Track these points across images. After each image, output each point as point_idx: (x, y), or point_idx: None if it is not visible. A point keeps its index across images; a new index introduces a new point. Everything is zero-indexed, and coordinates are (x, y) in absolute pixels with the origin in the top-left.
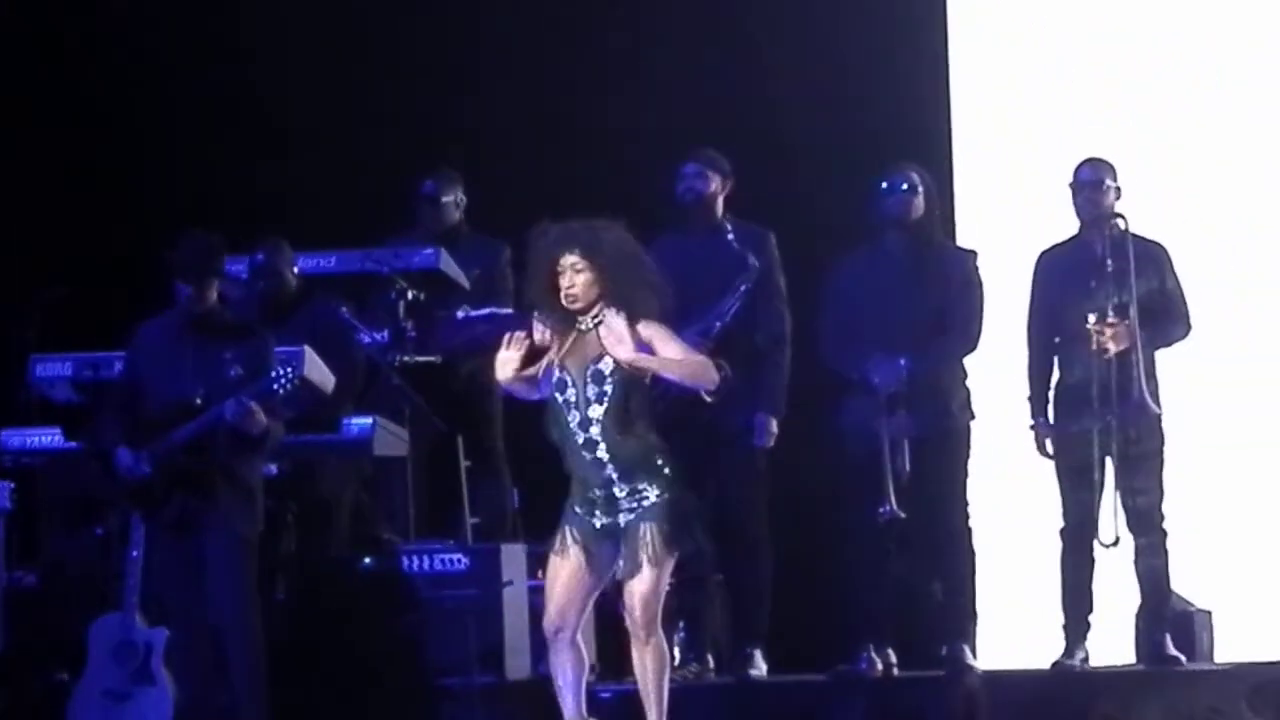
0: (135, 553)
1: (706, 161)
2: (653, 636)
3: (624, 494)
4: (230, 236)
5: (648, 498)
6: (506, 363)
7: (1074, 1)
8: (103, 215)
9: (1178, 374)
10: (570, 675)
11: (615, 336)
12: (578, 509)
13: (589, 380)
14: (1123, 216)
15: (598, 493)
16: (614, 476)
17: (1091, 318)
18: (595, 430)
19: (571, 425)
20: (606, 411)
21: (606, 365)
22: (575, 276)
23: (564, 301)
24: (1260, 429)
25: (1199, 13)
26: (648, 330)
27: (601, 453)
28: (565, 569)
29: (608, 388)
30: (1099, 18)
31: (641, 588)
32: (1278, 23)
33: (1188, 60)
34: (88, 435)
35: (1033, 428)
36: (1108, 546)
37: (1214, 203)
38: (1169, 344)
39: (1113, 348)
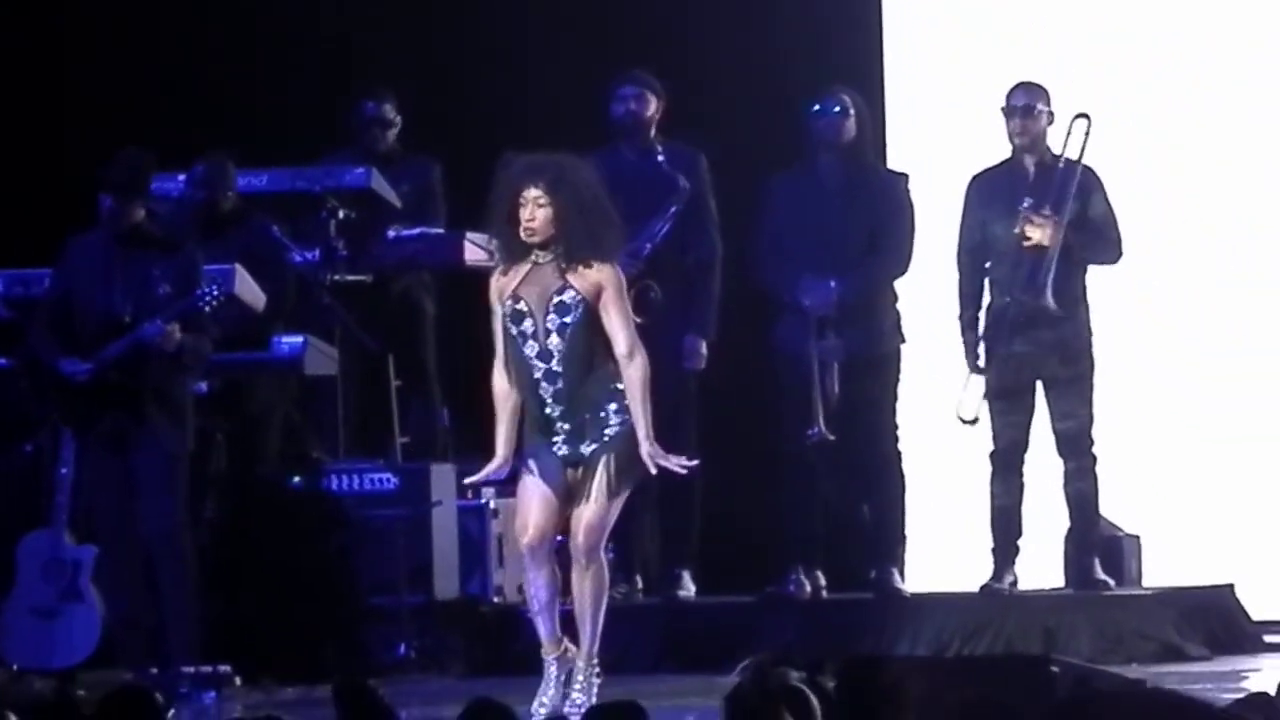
0: (65, 470)
1: (644, 83)
2: (593, 562)
3: (587, 423)
4: (165, 152)
5: (610, 425)
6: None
7: None
8: (35, 130)
9: (1110, 297)
10: (545, 593)
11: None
12: (540, 437)
13: (550, 310)
14: (1086, 115)
15: (561, 425)
16: (576, 406)
17: (1027, 201)
18: (555, 361)
19: (530, 356)
20: (568, 342)
21: (570, 296)
22: (537, 210)
23: (522, 233)
24: (1190, 355)
25: None
26: (602, 274)
27: (562, 383)
28: (539, 488)
29: (569, 319)
30: None
31: (589, 516)
32: None
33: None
34: (19, 351)
35: (966, 346)
36: (966, 422)
37: (1139, 126)
38: (1098, 261)
39: (1035, 236)
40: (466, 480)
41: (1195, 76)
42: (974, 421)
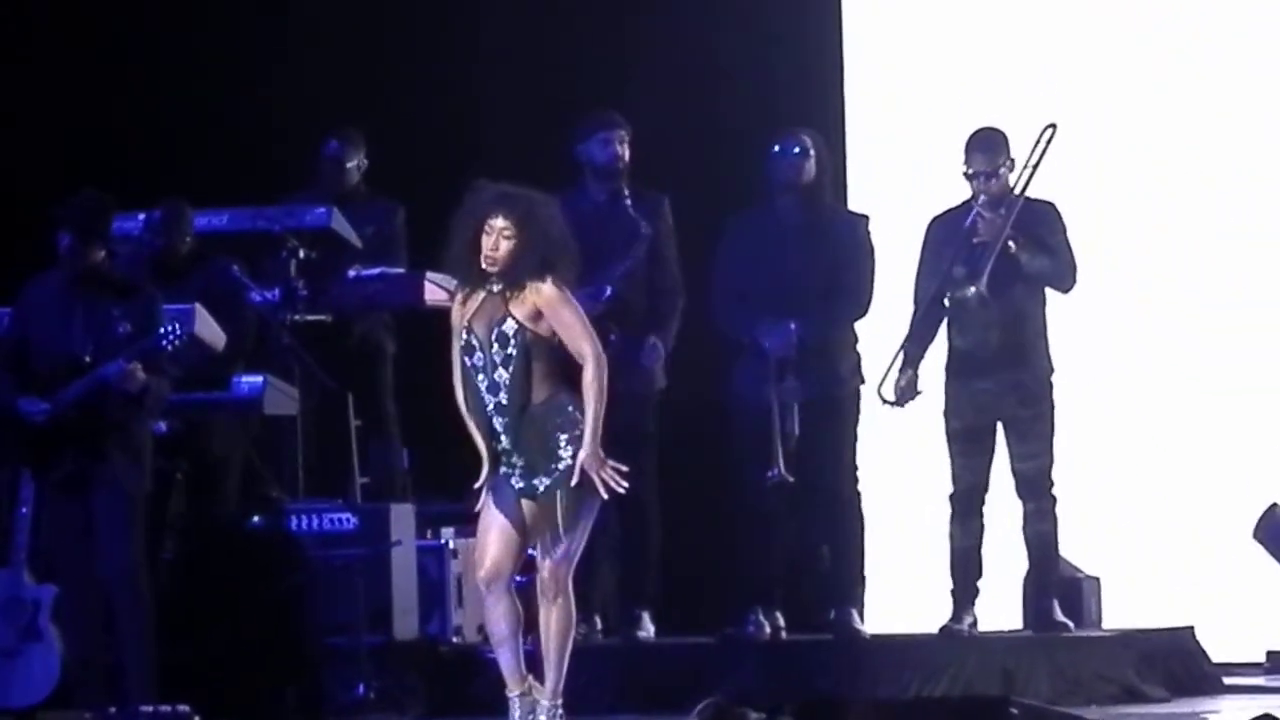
0: (24, 509)
1: (623, 125)
2: (559, 596)
3: (538, 456)
4: (125, 193)
5: (561, 460)
6: None
7: None
8: None
9: (1073, 334)
10: (505, 627)
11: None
12: (501, 469)
13: (494, 342)
14: (1053, 125)
15: (515, 458)
16: (525, 438)
17: (982, 197)
18: (503, 394)
19: (482, 390)
20: (512, 373)
21: (510, 326)
22: (501, 241)
23: (483, 261)
24: (1152, 396)
25: None
26: (538, 294)
27: (512, 415)
28: (496, 523)
29: (511, 350)
30: None
31: (552, 550)
32: None
33: (1090, 20)
34: None
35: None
36: (888, 403)
37: (1101, 156)
38: (1049, 283)
39: (981, 230)
40: (477, 485)
41: (1157, 106)
42: (895, 403)
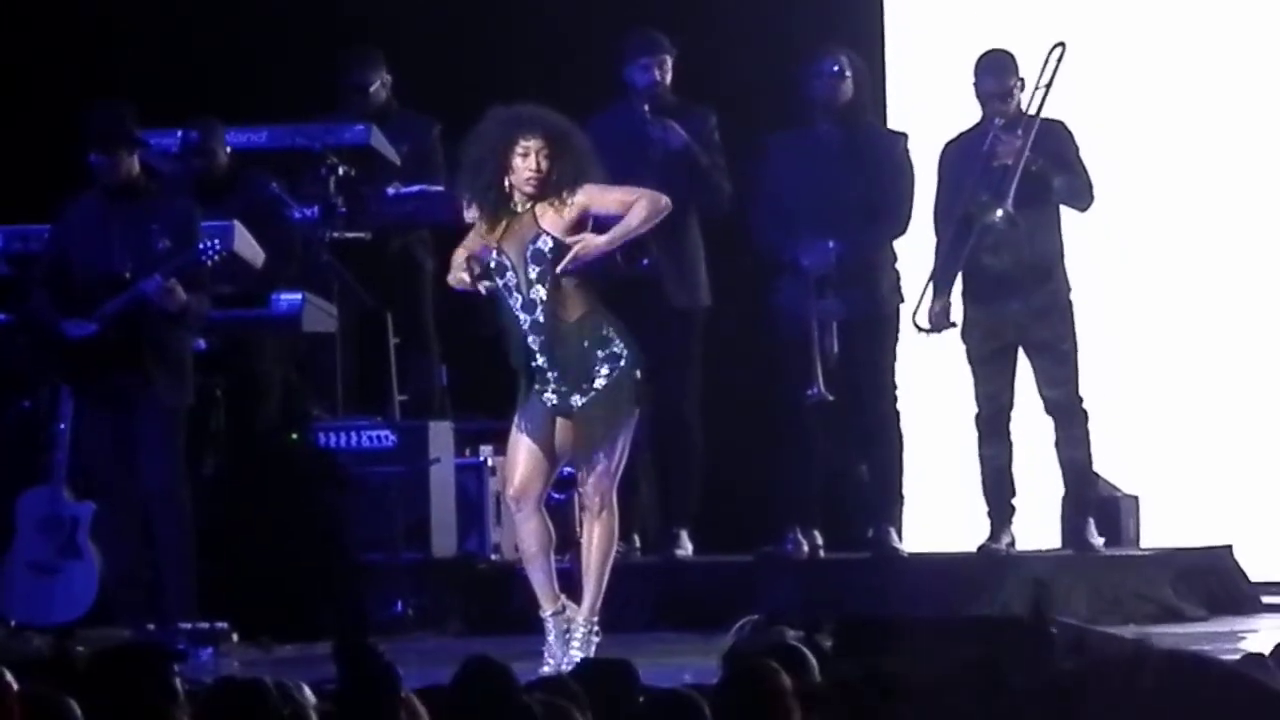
0: (63, 425)
1: (665, 49)
2: (604, 510)
3: (575, 373)
4: (158, 111)
5: (599, 376)
6: (457, 279)
7: None
8: (31, 86)
9: (1108, 252)
10: (536, 546)
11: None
12: (535, 387)
13: (529, 261)
14: (1062, 44)
15: (549, 374)
16: (562, 356)
17: (998, 120)
18: (539, 311)
19: (515, 309)
20: (549, 291)
21: (545, 243)
22: (541, 161)
23: (525, 183)
24: (1189, 313)
25: None
26: (571, 205)
27: (547, 334)
28: (524, 443)
29: (546, 267)
30: None
31: (593, 466)
32: None
33: None
34: (19, 308)
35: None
36: (923, 330)
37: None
38: (1069, 201)
39: (1001, 154)
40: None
41: (1190, 27)
42: (931, 330)
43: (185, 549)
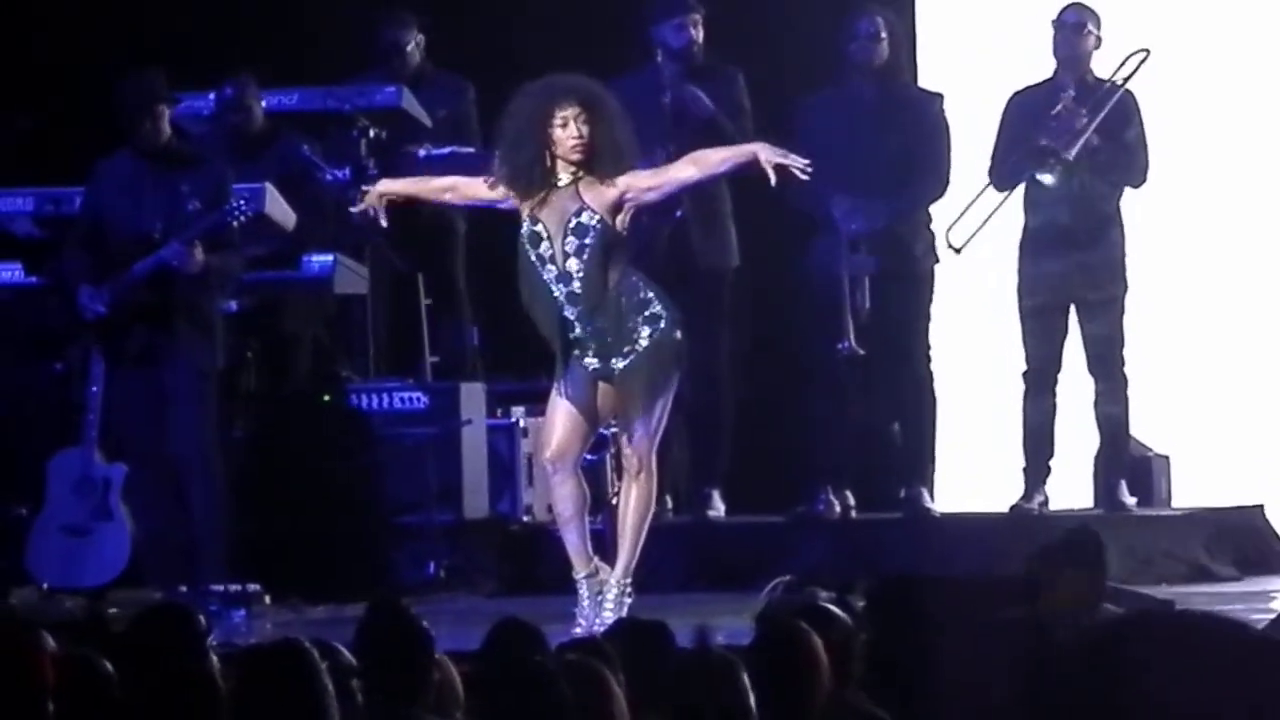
0: (95, 388)
1: (696, 8)
2: (642, 473)
3: (615, 338)
4: (190, 74)
5: (640, 339)
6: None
7: None
8: (66, 49)
9: (1146, 216)
10: (571, 508)
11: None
12: (574, 353)
13: (569, 233)
14: (1147, 50)
15: (589, 342)
16: (603, 323)
17: (1071, 91)
18: (575, 283)
19: (549, 280)
20: (588, 263)
21: (588, 217)
22: (583, 128)
23: (571, 151)
24: (1223, 274)
25: None
26: (616, 188)
27: (585, 303)
28: (563, 406)
29: (588, 240)
30: None
31: (634, 429)
32: None
33: None
34: (52, 270)
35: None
36: (953, 249)
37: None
38: (1120, 181)
39: (1065, 120)
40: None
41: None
42: (960, 250)
43: (217, 511)
